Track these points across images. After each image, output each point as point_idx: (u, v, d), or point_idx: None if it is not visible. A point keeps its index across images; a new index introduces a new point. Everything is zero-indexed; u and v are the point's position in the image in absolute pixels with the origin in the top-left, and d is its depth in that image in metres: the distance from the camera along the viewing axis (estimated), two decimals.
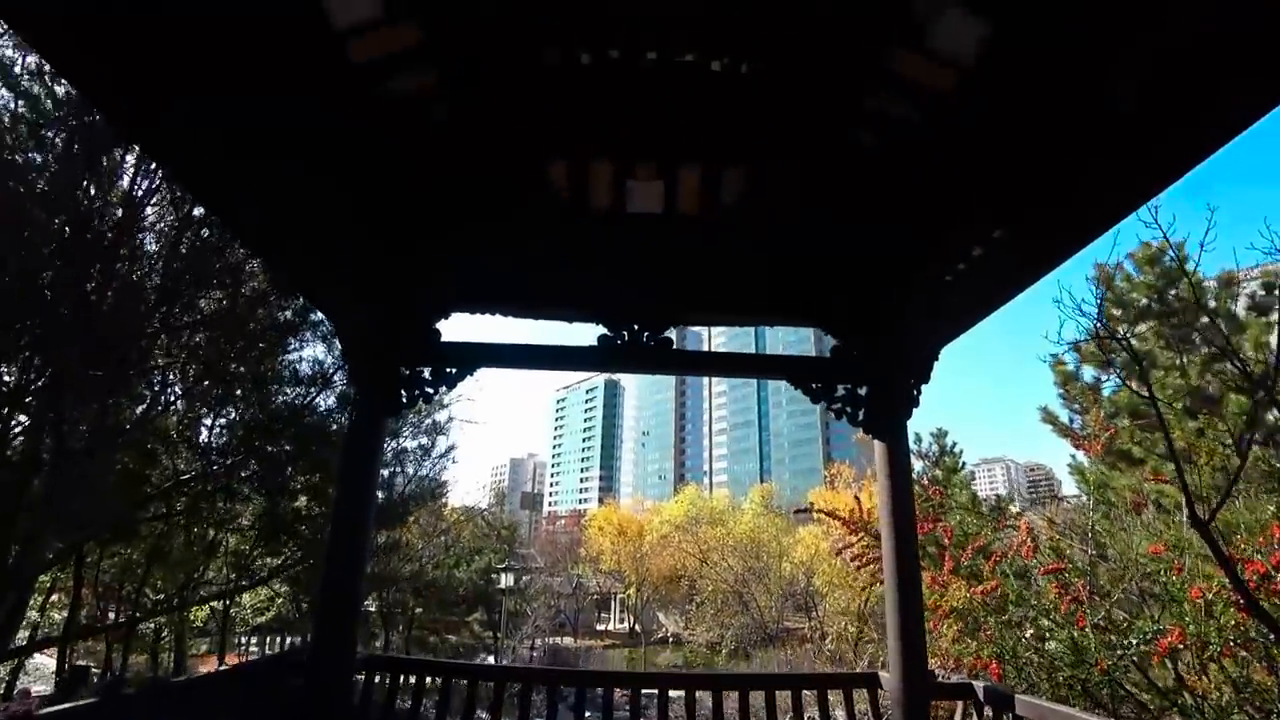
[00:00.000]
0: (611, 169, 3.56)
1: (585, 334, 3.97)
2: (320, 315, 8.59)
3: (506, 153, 3.65)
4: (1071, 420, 13.22)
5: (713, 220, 3.54)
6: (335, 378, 9.25)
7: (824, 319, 3.66)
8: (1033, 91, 2.56)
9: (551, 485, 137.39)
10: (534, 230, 3.73)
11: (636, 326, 3.56)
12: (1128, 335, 9.80)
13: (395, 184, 3.53)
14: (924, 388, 3.55)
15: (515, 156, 3.66)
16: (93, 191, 7.89)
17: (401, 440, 11.54)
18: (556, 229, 3.69)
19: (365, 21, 2.71)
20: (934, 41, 2.70)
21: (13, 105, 7.02)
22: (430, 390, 3.89)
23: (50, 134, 7.13)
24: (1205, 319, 11.72)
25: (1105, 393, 12.91)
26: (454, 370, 3.78)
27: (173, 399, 8.51)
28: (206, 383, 8.46)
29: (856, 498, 7.17)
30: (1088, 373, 13.41)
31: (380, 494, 10.31)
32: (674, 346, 3.58)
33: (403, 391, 3.84)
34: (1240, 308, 11.92)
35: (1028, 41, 2.44)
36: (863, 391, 3.65)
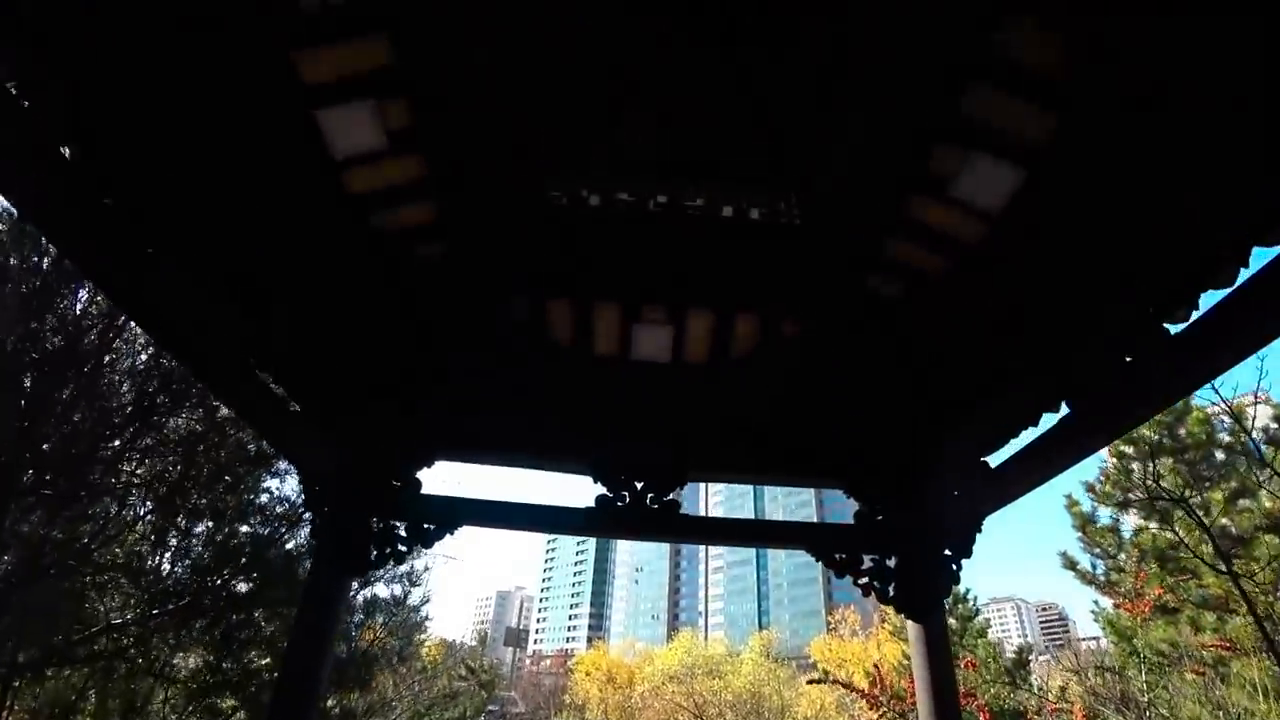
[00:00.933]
0: (617, 312, 3.34)
1: (582, 485, 3.57)
2: None
3: (503, 290, 3.45)
4: (1094, 565, 12.43)
5: (724, 370, 3.27)
6: (306, 516, 8.63)
7: (847, 480, 3.29)
8: (1074, 243, 2.38)
9: (539, 621, 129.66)
10: (530, 374, 3.44)
11: (640, 485, 3.17)
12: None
13: (376, 317, 3.29)
14: (964, 560, 3.10)
15: (512, 294, 3.46)
16: (83, 298, 7.78)
17: (372, 587, 10.61)
18: (554, 374, 3.40)
19: (366, 152, 2.58)
20: (959, 191, 2.56)
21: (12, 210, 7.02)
22: (404, 549, 3.43)
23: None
24: (1221, 454, 11.30)
25: (1125, 535, 12.25)
26: (433, 527, 3.35)
27: (124, 529, 7.85)
28: (165, 510, 7.85)
29: (876, 666, 6.42)
30: (1104, 513, 12.79)
31: (343, 648, 9.30)
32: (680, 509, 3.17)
33: (372, 548, 3.39)
34: (1258, 437, 11.52)
35: (1068, 192, 2.28)
36: (891, 563, 3.20)
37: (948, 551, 3.13)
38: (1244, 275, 1.86)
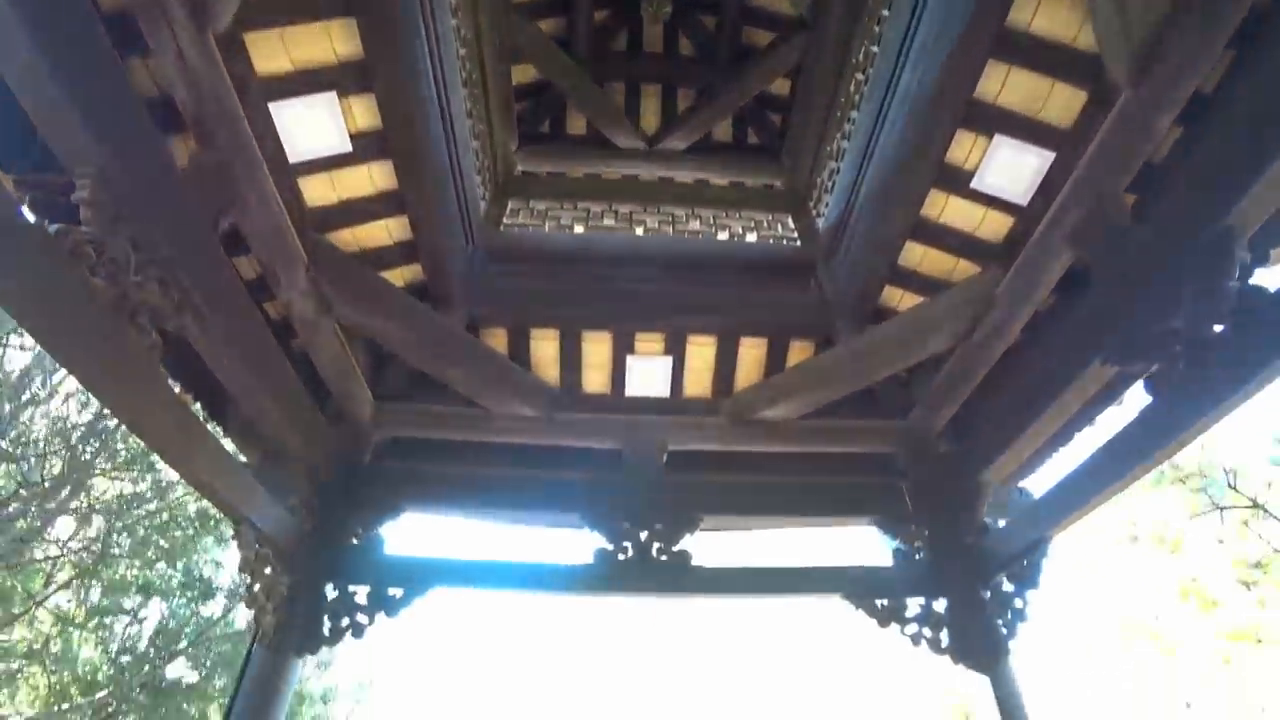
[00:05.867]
0: (609, 341, 2.94)
1: (579, 542, 3.04)
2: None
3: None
4: None
5: (731, 400, 2.87)
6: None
7: (883, 511, 2.87)
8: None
9: None
10: (511, 415, 2.96)
11: (644, 535, 2.69)
12: None
13: (338, 353, 2.81)
14: (1032, 593, 2.66)
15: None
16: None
17: (329, 667, 9.25)
18: (540, 412, 2.93)
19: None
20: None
21: None
22: (365, 618, 2.86)
23: None
24: None
25: None
26: (399, 593, 2.81)
27: (30, 608, 6.92)
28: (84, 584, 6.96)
29: None
30: None
31: None
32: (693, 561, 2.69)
33: (326, 619, 2.81)
34: None
35: None
36: (941, 607, 2.77)
37: (1008, 586, 2.71)
38: None
